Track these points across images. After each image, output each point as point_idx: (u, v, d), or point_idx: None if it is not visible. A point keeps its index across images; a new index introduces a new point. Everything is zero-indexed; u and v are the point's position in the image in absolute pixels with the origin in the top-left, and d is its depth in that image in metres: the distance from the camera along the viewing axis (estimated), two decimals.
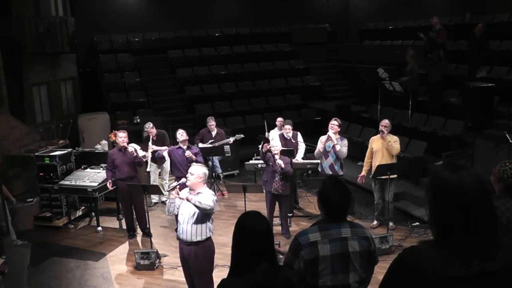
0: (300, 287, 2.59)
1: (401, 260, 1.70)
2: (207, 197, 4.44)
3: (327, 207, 2.63)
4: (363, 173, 7.07)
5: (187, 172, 4.70)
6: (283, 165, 6.44)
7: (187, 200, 4.44)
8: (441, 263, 1.58)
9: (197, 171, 4.50)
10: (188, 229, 4.45)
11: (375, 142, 6.92)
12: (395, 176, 6.79)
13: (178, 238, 4.65)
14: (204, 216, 4.44)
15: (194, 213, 4.43)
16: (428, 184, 1.72)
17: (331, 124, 6.92)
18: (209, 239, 4.58)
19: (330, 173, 6.88)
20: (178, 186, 4.70)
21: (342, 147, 6.84)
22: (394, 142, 6.76)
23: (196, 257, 4.52)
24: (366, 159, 7.07)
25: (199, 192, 4.49)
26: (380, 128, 6.79)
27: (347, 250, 2.56)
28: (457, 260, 1.57)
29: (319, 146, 7.00)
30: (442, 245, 1.61)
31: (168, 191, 4.81)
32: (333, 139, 6.79)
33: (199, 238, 4.47)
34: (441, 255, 1.59)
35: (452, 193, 1.61)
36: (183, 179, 4.73)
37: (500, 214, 2.88)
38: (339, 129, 6.97)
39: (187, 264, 4.66)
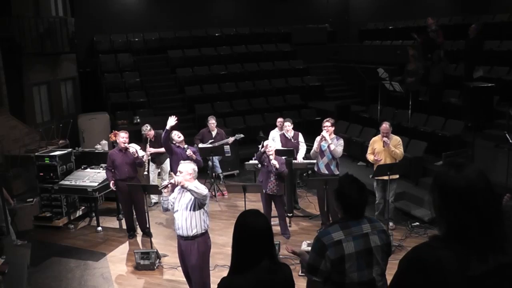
0: (326, 286, 2.62)
1: (418, 259, 1.67)
2: (200, 185, 4.56)
3: (346, 205, 2.68)
4: (375, 157, 6.88)
5: None
6: (277, 165, 6.44)
7: (182, 187, 4.50)
8: (460, 263, 1.57)
9: (186, 168, 4.58)
10: (184, 224, 4.54)
11: (377, 143, 6.88)
12: (397, 176, 6.79)
13: (178, 236, 4.71)
14: (197, 208, 4.52)
15: (188, 207, 4.52)
16: (432, 185, 1.71)
17: (324, 125, 6.92)
18: (205, 234, 4.67)
19: (326, 172, 6.87)
20: (169, 185, 4.76)
21: (337, 146, 6.79)
22: (396, 146, 6.73)
23: (192, 252, 4.61)
24: (368, 154, 7.02)
25: None
26: (384, 139, 6.70)
27: (369, 245, 2.63)
28: (474, 259, 1.57)
29: (314, 146, 7.01)
30: (456, 244, 1.60)
31: (160, 189, 4.90)
32: (327, 139, 6.77)
33: (195, 232, 4.55)
34: (457, 254, 1.59)
35: (461, 194, 1.60)
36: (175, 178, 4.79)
37: None
38: (333, 129, 6.96)
39: (184, 259, 4.72)
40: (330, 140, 6.75)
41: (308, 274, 2.64)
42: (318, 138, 6.99)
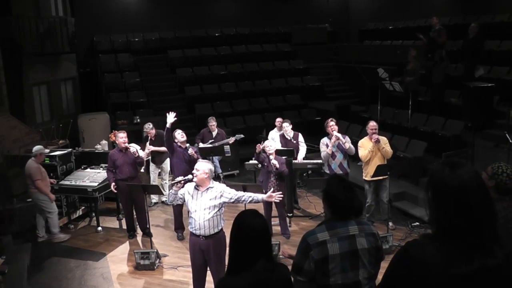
0: (311, 286, 2.60)
1: (405, 253, 1.72)
2: (226, 190, 4.69)
3: (333, 206, 2.65)
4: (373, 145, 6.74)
5: (185, 173, 4.73)
6: (277, 165, 6.44)
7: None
8: (443, 260, 1.59)
9: (203, 167, 4.60)
10: (206, 224, 4.55)
11: (366, 143, 6.83)
12: (386, 176, 6.81)
13: (193, 234, 4.68)
14: (218, 207, 4.60)
15: (208, 207, 4.54)
16: (427, 183, 1.73)
17: (332, 126, 6.93)
18: (222, 228, 4.73)
19: (340, 172, 6.90)
20: (182, 181, 4.76)
21: (350, 144, 6.93)
22: (385, 144, 6.77)
23: (216, 248, 4.66)
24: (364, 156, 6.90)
25: (209, 187, 4.61)
26: (374, 138, 6.64)
27: (355, 247, 2.58)
28: (459, 258, 1.59)
29: (326, 149, 6.96)
30: (444, 242, 1.62)
31: (172, 184, 4.90)
32: (341, 138, 6.88)
33: (216, 230, 4.61)
34: (443, 252, 1.61)
35: (453, 192, 1.62)
36: (190, 176, 4.79)
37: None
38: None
39: (203, 257, 4.71)
40: (344, 139, 6.83)
41: (292, 273, 2.61)
42: (324, 141, 7.01)
